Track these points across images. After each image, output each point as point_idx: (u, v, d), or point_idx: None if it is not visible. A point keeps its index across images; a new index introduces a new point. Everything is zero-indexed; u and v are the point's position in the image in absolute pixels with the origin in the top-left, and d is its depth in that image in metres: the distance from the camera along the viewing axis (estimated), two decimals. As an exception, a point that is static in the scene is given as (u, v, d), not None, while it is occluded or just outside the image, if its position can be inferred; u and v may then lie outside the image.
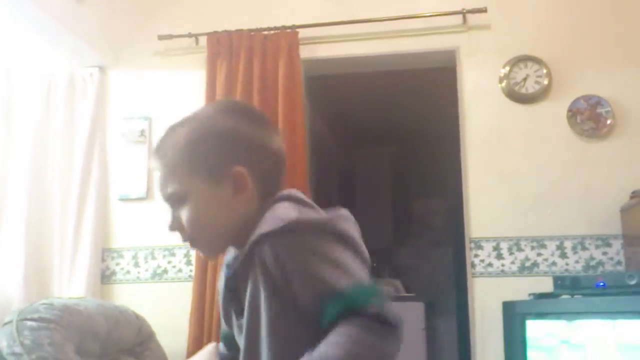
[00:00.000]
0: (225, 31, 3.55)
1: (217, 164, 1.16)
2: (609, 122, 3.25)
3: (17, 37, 3.61)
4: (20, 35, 3.50)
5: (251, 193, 1.16)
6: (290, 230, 1.04)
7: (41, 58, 3.75)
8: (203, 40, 3.61)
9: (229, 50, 3.53)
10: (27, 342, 2.32)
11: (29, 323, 2.40)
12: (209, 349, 3.08)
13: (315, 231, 1.05)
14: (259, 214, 1.12)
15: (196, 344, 3.23)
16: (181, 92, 3.69)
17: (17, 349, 2.30)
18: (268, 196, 1.17)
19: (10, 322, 2.42)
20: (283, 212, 1.08)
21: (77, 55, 3.64)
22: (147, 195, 3.61)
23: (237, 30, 3.50)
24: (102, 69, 3.74)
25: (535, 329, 2.66)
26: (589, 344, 2.56)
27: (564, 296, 2.73)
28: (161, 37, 3.64)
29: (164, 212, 1.17)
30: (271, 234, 1.05)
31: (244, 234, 1.11)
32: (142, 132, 3.68)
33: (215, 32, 3.57)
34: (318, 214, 1.12)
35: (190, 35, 3.62)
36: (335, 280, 1.00)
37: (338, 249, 1.05)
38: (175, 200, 1.18)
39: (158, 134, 4.01)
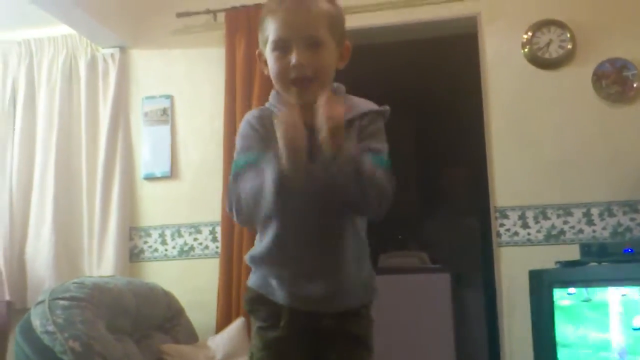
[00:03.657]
0: (243, 6, 3.54)
1: (342, 35, 1.59)
2: (635, 85, 3.18)
3: (38, 23, 3.64)
4: (41, 20, 3.52)
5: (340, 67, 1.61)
6: (381, 113, 1.61)
7: (62, 40, 3.78)
8: (221, 17, 3.60)
9: (248, 25, 3.51)
10: (59, 320, 2.37)
11: (61, 302, 2.45)
12: (238, 323, 3.12)
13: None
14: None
15: (225, 319, 3.27)
16: (202, 69, 3.69)
17: (50, 328, 2.35)
18: None
19: (43, 301, 2.48)
20: (370, 102, 1.63)
21: (97, 36, 3.65)
22: (172, 174, 3.64)
23: (255, 5, 3.48)
24: (122, 49, 3.75)
25: (563, 297, 2.65)
26: (611, 303, 2.55)
27: (592, 264, 2.71)
28: (179, 15, 3.64)
29: (189, 191, 1.18)
30: (374, 111, 1.60)
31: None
32: (165, 111, 3.70)
33: (234, 8, 3.56)
34: None
35: (208, 12, 3.61)
36: (385, 149, 1.56)
37: None
38: (311, 43, 1.51)
39: (180, 112, 4.01)
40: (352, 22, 3.43)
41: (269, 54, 1.55)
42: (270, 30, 1.54)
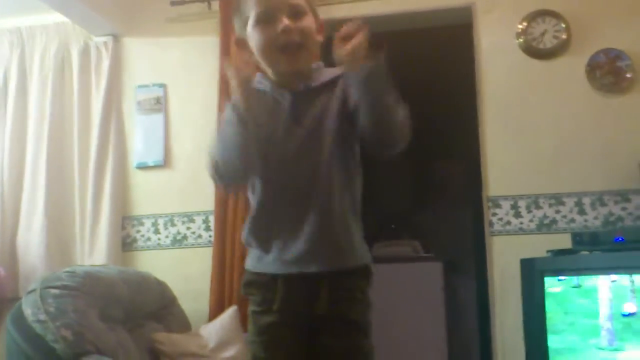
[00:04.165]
0: (237, -5, 3.52)
1: (316, 11, 1.65)
2: (628, 75, 3.18)
3: (30, 10, 3.61)
4: (33, 7, 3.49)
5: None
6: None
7: (54, 29, 3.75)
8: (216, 5, 3.58)
9: (241, 14, 3.49)
10: (51, 309, 2.36)
11: (53, 291, 2.44)
12: (231, 312, 3.12)
13: None
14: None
15: (217, 308, 3.28)
16: (196, 58, 3.67)
17: (42, 317, 2.34)
18: None
19: (34, 290, 2.47)
20: None
21: (89, 24, 3.63)
22: (165, 163, 3.63)
23: (249, -6, 3.46)
24: (115, 37, 3.73)
25: (554, 285, 2.66)
26: (601, 289, 2.56)
27: (583, 252, 2.72)
28: (173, 3, 3.62)
29: (182, 180, 1.18)
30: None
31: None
32: (158, 100, 3.68)
33: (228, -4, 3.54)
34: None
35: (202, 0, 3.59)
36: None
37: None
38: (295, 12, 1.57)
39: (174, 101, 3.99)
40: (346, 11, 3.45)
41: (252, 31, 1.59)
42: (250, 8, 1.59)
